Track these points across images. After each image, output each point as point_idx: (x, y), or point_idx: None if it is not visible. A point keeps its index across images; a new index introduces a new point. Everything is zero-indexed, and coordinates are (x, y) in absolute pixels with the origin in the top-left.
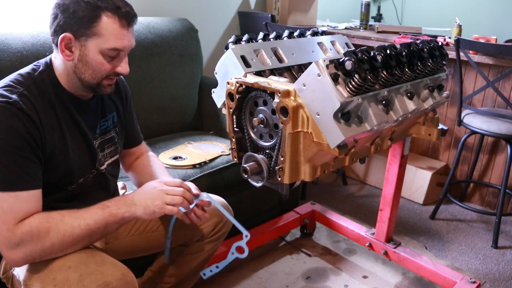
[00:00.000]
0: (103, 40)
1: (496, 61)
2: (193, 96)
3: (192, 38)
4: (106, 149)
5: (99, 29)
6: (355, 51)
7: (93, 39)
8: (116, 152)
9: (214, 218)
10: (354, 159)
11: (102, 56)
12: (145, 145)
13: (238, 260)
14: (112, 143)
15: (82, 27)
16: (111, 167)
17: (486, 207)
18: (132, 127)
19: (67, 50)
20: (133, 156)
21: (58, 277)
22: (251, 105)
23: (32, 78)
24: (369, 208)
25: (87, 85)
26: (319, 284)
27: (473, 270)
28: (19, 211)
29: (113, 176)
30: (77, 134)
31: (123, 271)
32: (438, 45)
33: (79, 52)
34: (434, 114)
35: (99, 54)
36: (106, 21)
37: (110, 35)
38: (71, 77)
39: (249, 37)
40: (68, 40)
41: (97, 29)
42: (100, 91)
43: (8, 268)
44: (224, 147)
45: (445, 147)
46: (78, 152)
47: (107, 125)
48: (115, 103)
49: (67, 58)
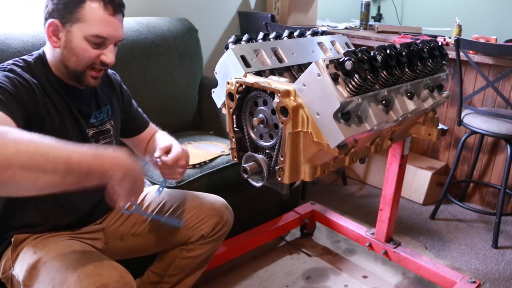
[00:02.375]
0: (87, 25)
1: (496, 61)
2: (193, 96)
3: (192, 38)
4: (101, 140)
5: (83, 14)
6: (355, 51)
7: (77, 24)
8: (111, 144)
9: (214, 218)
10: (354, 159)
11: (87, 43)
12: (154, 127)
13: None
14: (107, 135)
15: (67, 12)
16: None
17: (486, 207)
18: (136, 114)
19: (54, 37)
20: (145, 141)
21: (56, 278)
22: (251, 105)
23: (27, 62)
24: (369, 208)
25: (72, 72)
26: (319, 284)
27: (473, 270)
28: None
29: None
30: (70, 118)
31: (121, 272)
32: (438, 45)
33: (65, 38)
34: (434, 114)
35: (83, 40)
36: (90, 6)
37: (94, 21)
38: (59, 64)
39: (249, 37)
40: (55, 27)
41: (81, 15)
42: (85, 82)
43: (7, 268)
44: (224, 147)
45: (445, 147)
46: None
47: (103, 117)
48: (108, 97)
49: (54, 45)
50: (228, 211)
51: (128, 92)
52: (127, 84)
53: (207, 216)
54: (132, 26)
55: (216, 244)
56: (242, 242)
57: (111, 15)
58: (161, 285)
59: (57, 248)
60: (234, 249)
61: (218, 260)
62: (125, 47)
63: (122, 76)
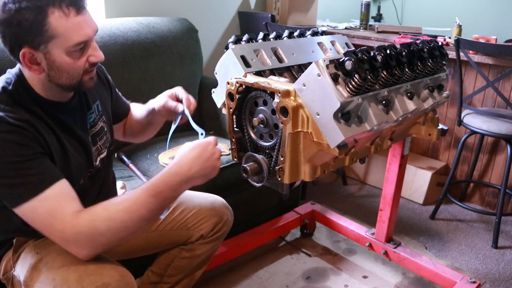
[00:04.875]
0: (62, 39)
1: (496, 61)
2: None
3: (192, 38)
4: (98, 141)
5: (53, 29)
6: (355, 51)
7: (52, 42)
8: (107, 141)
9: (214, 218)
10: (354, 159)
11: (71, 56)
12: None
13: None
14: (103, 133)
15: (35, 35)
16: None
17: (486, 207)
18: (121, 102)
19: (33, 65)
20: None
21: (57, 278)
22: (251, 105)
23: (7, 92)
24: (369, 208)
25: (68, 87)
26: (319, 284)
27: (473, 270)
28: (59, 208)
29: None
30: (70, 136)
31: (122, 272)
32: (438, 45)
33: (46, 61)
34: (434, 114)
35: (66, 55)
36: (55, 19)
37: (67, 31)
38: (48, 85)
39: (249, 37)
40: (30, 55)
41: (51, 31)
42: (83, 88)
43: (8, 269)
44: (224, 147)
45: (445, 147)
46: (75, 153)
47: (94, 118)
48: (97, 90)
49: (37, 72)
50: (228, 211)
51: (111, 80)
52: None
53: (207, 216)
54: (132, 26)
55: (215, 244)
56: (242, 242)
57: (78, 14)
58: (161, 285)
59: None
60: (234, 249)
61: (218, 260)
62: (125, 47)
63: (122, 76)
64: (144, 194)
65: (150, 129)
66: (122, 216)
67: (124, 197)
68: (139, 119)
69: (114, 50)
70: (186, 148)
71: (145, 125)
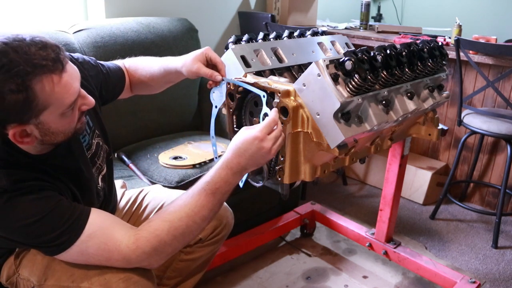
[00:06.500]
0: (54, 106)
1: (496, 61)
2: (193, 96)
3: (192, 38)
4: (97, 161)
5: (42, 101)
6: (355, 51)
7: (44, 113)
8: (105, 152)
9: (213, 221)
10: (354, 159)
11: (65, 116)
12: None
13: (238, 260)
14: (99, 150)
15: (23, 112)
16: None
17: (486, 207)
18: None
19: (24, 138)
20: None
21: (76, 273)
22: (251, 105)
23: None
24: (369, 208)
25: (64, 141)
26: (319, 284)
27: (473, 270)
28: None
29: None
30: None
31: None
32: (438, 45)
33: (39, 131)
34: (434, 114)
35: (61, 117)
36: (42, 89)
37: (58, 98)
38: (43, 147)
39: (249, 37)
40: (20, 132)
41: (41, 103)
42: (76, 135)
43: (11, 274)
44: (224, 147)
45: (445, 147)
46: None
47: (87, 140)
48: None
49: (29, 144)
50: (228, 213)
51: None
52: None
53: None
54: (132, 26)
55: (215, 247)
56: (242, 242)
57: (62, 74)
58: (160, 287)
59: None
60: (234, 249)
61: (218, 260)
62: (125, 47)
63: None
64: (203, 195)
65: (167, 85)
66: (186, 222)
67: (180, 202)
68: (149, 75)
69: (114, 50)
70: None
71: (162, 82)
